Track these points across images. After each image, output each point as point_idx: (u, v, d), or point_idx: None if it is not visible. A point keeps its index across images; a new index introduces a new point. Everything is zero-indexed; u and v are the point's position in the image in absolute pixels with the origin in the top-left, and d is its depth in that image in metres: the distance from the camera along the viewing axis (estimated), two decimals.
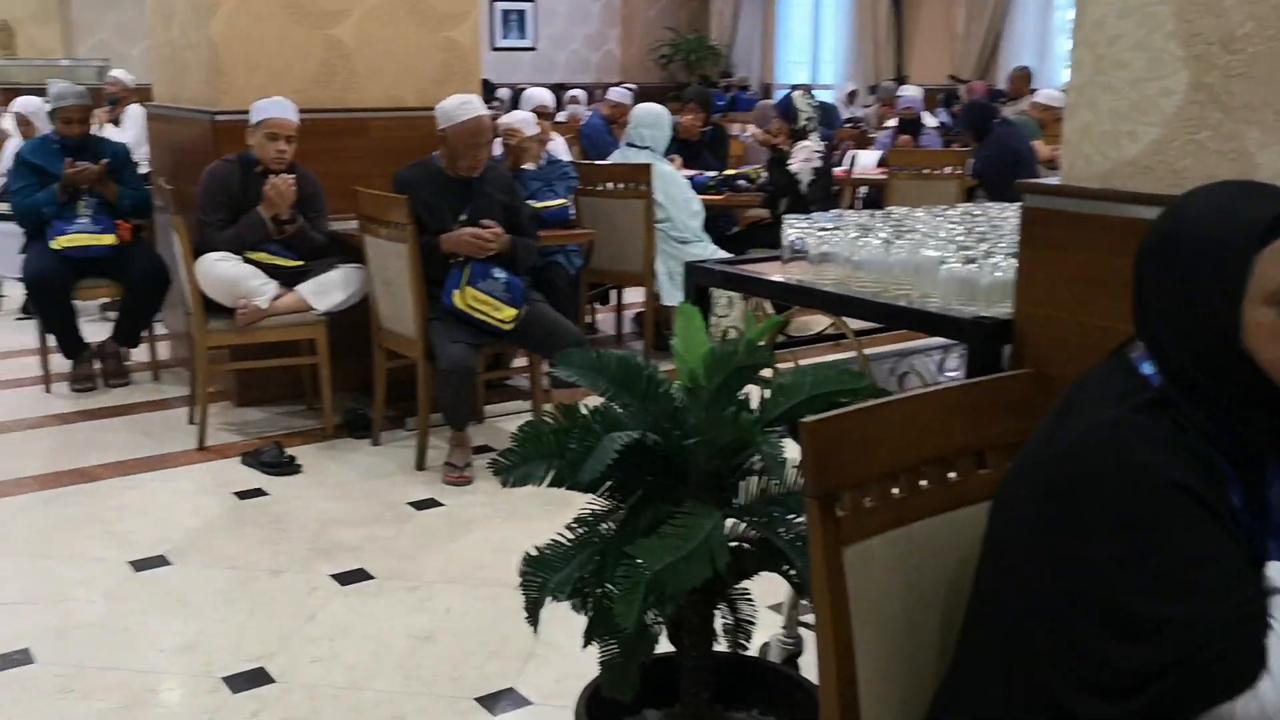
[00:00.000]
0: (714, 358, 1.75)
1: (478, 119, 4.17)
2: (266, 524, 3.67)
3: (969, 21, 12.80)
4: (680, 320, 1.85)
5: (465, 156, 4.16)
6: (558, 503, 3.85)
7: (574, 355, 1.85)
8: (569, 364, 1.84)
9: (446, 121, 4.20)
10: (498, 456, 1.86)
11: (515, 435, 1.85)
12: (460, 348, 3.93)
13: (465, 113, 4.17)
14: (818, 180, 5.77)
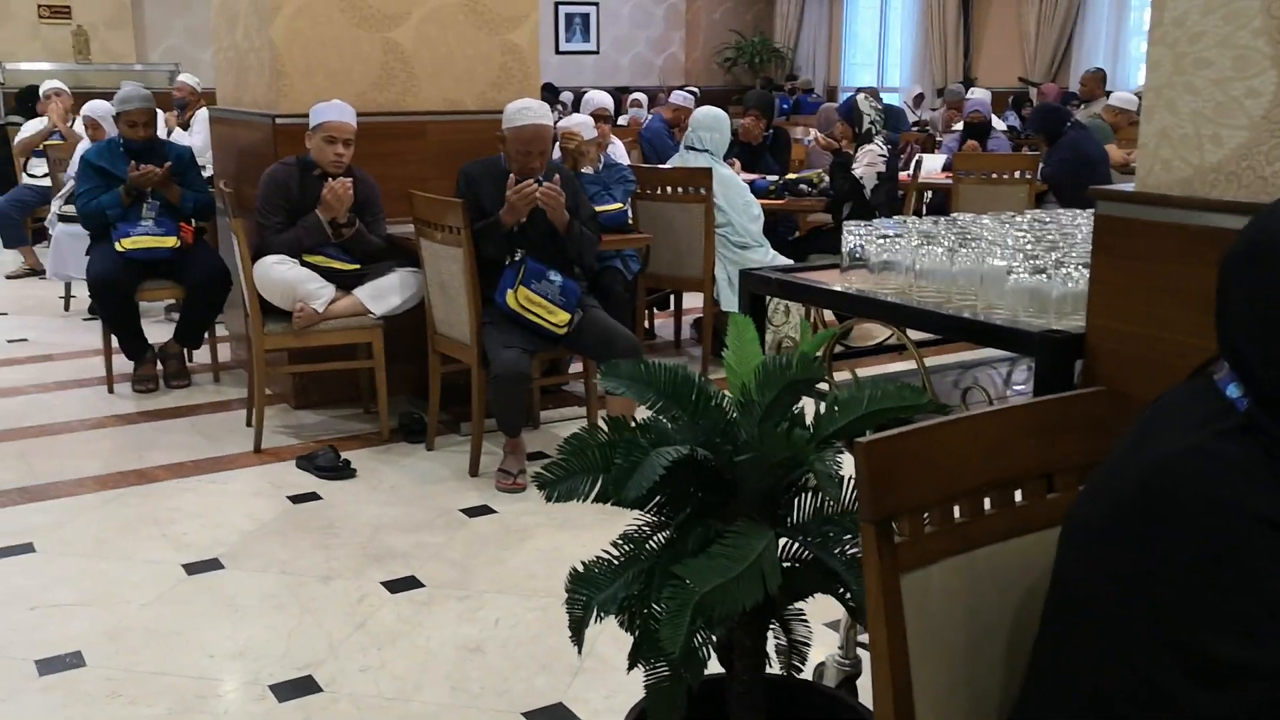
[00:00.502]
0: (767, 371, 1.67)
1: (533, 127, 4.10)
2: (319, 529, 3.66)
3: (1040, 23, 12.55)
4: (733, 330, 1.78)
5: (517, 160, 4.11)
6: (611, 513, 3.80)
7: (621, 366, 1.79)
8: (616, 375, 1.78)
9: (507, 124, 4.16)
10: (542, 470, 1.80)
11: (561, 448, 1.78)
12: (514, 353, 3.89)
13: (521, 119, 4.11)
14: (882, 185, 5.66)
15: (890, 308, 2.03)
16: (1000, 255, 1.93)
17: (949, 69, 13.78)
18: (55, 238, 6.59)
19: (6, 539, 3.57)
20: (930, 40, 14.02)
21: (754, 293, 2.27)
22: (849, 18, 16.07)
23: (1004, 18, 13.26)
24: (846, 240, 2.24)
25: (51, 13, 11.94)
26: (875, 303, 2.05)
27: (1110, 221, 1.65)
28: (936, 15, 13.82)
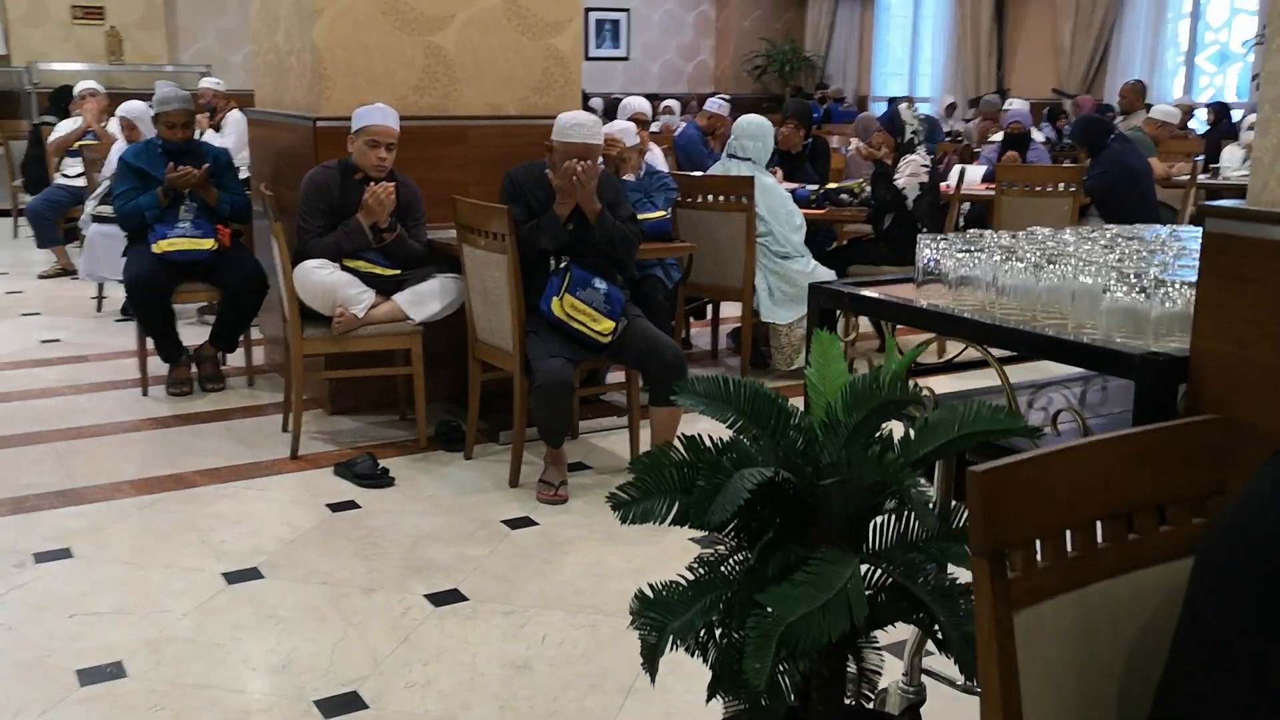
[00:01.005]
0: (855, 391, 1.60)
1: (583, 145, 4.01)
2: (359, 538, 3.60)
3: (1075, 34, 12.44)
4: (816, 348, 1.71)
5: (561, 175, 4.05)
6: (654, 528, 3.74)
7: (698, 383, 1.72)
8: (692, 393, 1.71)
9: (557, 135, 4.07)
10: (616, 491, 1.73)
11: (634, 467, 1.72)
12: (558, 362, 3.83)
13: (574, 135, 4.01)
14: (924, 195, 5.57)
15: (972, 325, 1.95)
16: (1091, 272, 1.85)
17: (981, 79, 13.68)
18: (89, 238, 6.57)
19: (45, 543, 3.53)
20: (963, 50, 13.92)
21: (824, 307, 2.18)
22: (880, 26, 15.99)
23: (1038, 28, 13.16)
24: (922, 254, 2.16)
25: (85, 14, 11.98)
26: (955, 319, 1.97)
27: (1220, 239, 1.58)
28: (969, 25, 13.72)
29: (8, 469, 4.19)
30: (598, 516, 3.80)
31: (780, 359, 5.40)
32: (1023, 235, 2.30)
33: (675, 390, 1.79)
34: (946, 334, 2.03)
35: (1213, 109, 10.23)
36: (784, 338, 5.35)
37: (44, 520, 3.72)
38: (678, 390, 1.72)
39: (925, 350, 1.93)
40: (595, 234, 4.04)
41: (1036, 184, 6.00)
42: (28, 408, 4.95)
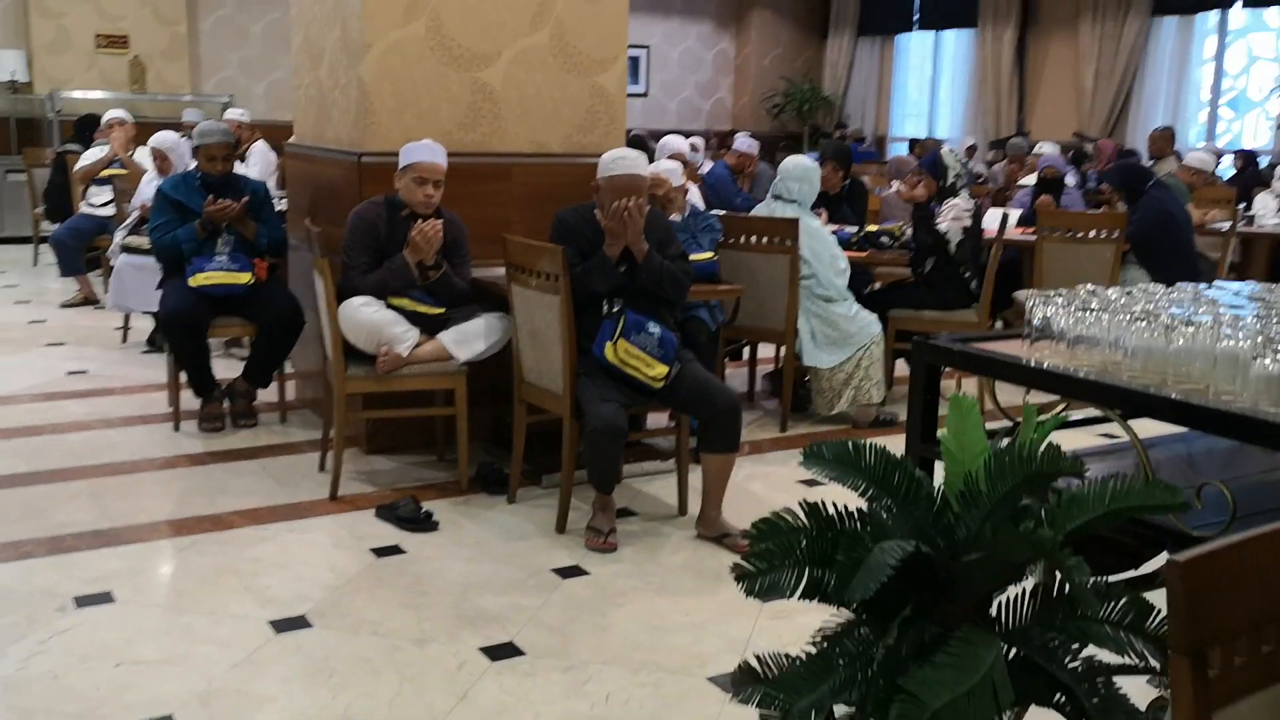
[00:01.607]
0: (1000, 461, 1.51)
1: (629, 177, 3.98)
2: (406, 586, 3.50)
3: (1098, 77, 12.43)
4: (953, 414, 1.63)
5: (610, 214, 3.99)
6: (710, 577, 3.65)
7: (826, 448, 1.64)
8: (819, 458, 1.63)
9: (602, 173, 4.05)
10: (740, 562, 1.64)
11: (753, 534, 1.63)
12: (611, 407, 3.74)
13: (617, 168, 4.00)
14: (967, 240, 5.50)
15: (1101, 388, 1.86)
16: (1230, 335, 1.77)
17: (1002, 121, 13.67)
18: (117, 269, 6.50)
19: (86, 585, 3.43)
20: (983, 91, 13.91)
21: (930, 363, 2.10)
22: (899, 66, 16.00)
23: (1060, 71, 13.15)
24: (1034, 309, 2.08)
25: (109, 42, 11.99)
26: (1082, 382, 1.88)
27: None
28: (990, 66, 13.73)
29: (43, 507, 4.10)
30: (649, 565, 3.70)
31: (821, 403, 5.31)
32: (1138, 293, 2.22)
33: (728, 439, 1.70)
34: (1069, 396, 1.94)
35: (1239, 155, 10.19)
36: (825, 382, 5.26)
37: (82, 562, 3.62)
38: (808, 455, 1.63)
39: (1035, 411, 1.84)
40: (641, 275, 3.97)
41: (1078, 230, 5.93)
42: (59, 442, 4.86)
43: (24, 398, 5.57)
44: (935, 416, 2.19)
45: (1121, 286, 5.84)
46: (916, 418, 2.13)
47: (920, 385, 2.05)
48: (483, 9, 4.75)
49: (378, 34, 4.57)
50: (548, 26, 4.88)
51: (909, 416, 2.16)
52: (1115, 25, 12.18)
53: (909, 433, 2.18)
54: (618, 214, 3.88)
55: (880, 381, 5.27)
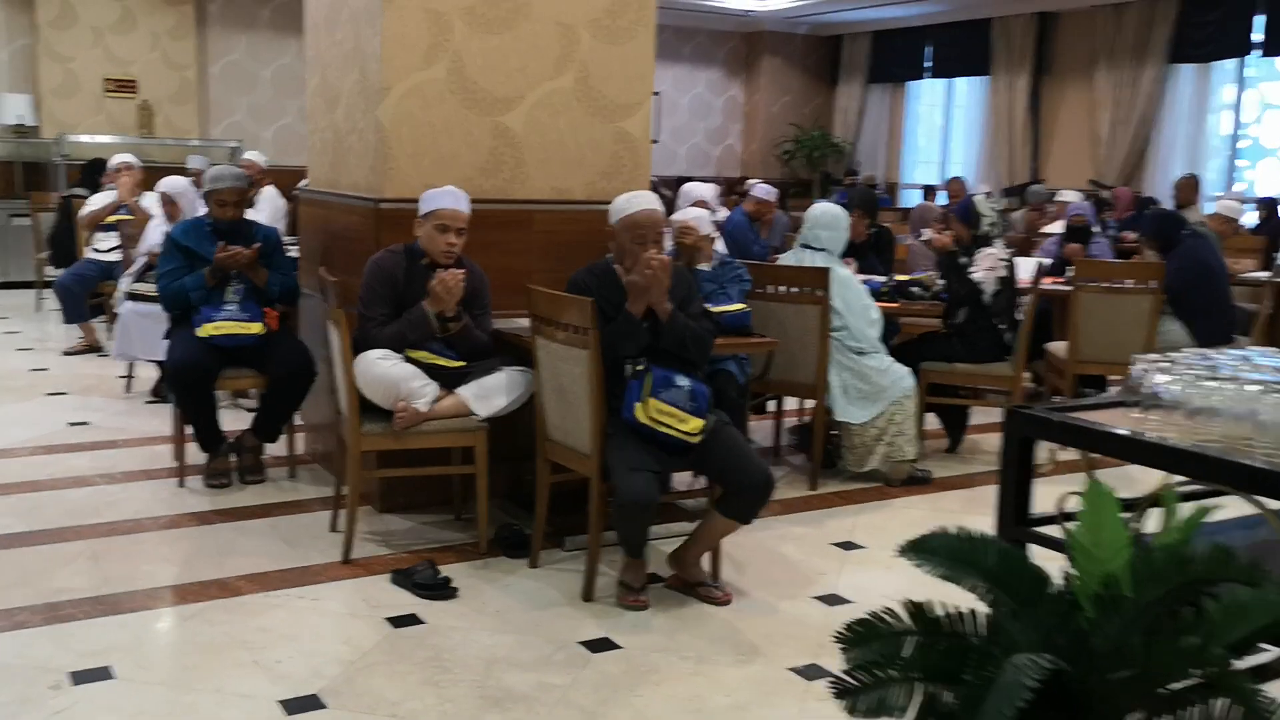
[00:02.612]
0: (1152, 563, 1.31)
1: (645, 212, 3.85)
2: (426, 660, 3.27)
3: (1114, 125, 12.31)
4: (1089, 506, 1.42)
5: (630, 253, 3.81)
6: (747, 650, 3.43)
7: (935, 539, 1.43)
8: (928, 551, 1.43)
9: (615, 216, 3.90)
10: (842, 676, 1.43)
11: (849, 637, 1.42)
12: (643, 479, 3.52)
13: (633, 205, 3.87)
14: (1002, 291, 5.31)
15: (1237, 468, 1.66)
16: None
17: (1015, 168, 13.55)
18: (123, 317, 6.32)
19: (83, 659, 3.21)
20: (997, 139, 13.81)
21: (1024, 435, 1.89)
22: (910, 113, 15.93)
23: (1075, 118, 13.05)
24: (1147, 377, 1.88)
25: (118, 87, 11.92)
26: (1206, 459, 1.68)
27: None
28: (1004, 114, 13.63)
29: (39, 570, 3.88)
30: (681, 636, 3.47)
31: (852, 460, 5.10)
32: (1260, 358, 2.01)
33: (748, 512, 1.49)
34: (1194, 476, 1.74)
35: (1262, 204, 10.04)
36: (857, 438, 5.05)
37: (79, 633, 3.40)
38: (910, 547, 1.43)
39: None
40: (664, 337, 3.77)
41: (1115, 280, 5.74)
42: (59, 499, 4.65)
43: (23, 450, 5.37)
44: (1028, 495, 1.98)
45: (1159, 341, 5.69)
46: (1009, 497, 1.92)
47: (1013, 460, 1.85)
48: (505, 52, 4.59)
49: (397, 77, 4.42)
50: (572, 70, 4.73)
51: (1000, 496, 1.95)
52: (1131, 73, 12.09)
53: (1001, 515, 1.96)
54: (645, 266, 3.69)
55: (914, 437, 5.06)
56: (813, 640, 3.44)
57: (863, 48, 15.99)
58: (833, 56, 16.68)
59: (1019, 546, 1.69)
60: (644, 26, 4.85)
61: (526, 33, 4.62)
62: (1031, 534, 1.88)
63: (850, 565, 4.12)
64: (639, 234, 3.82)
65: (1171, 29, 11.74)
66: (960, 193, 9.60)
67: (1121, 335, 5.63)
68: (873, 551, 4.27)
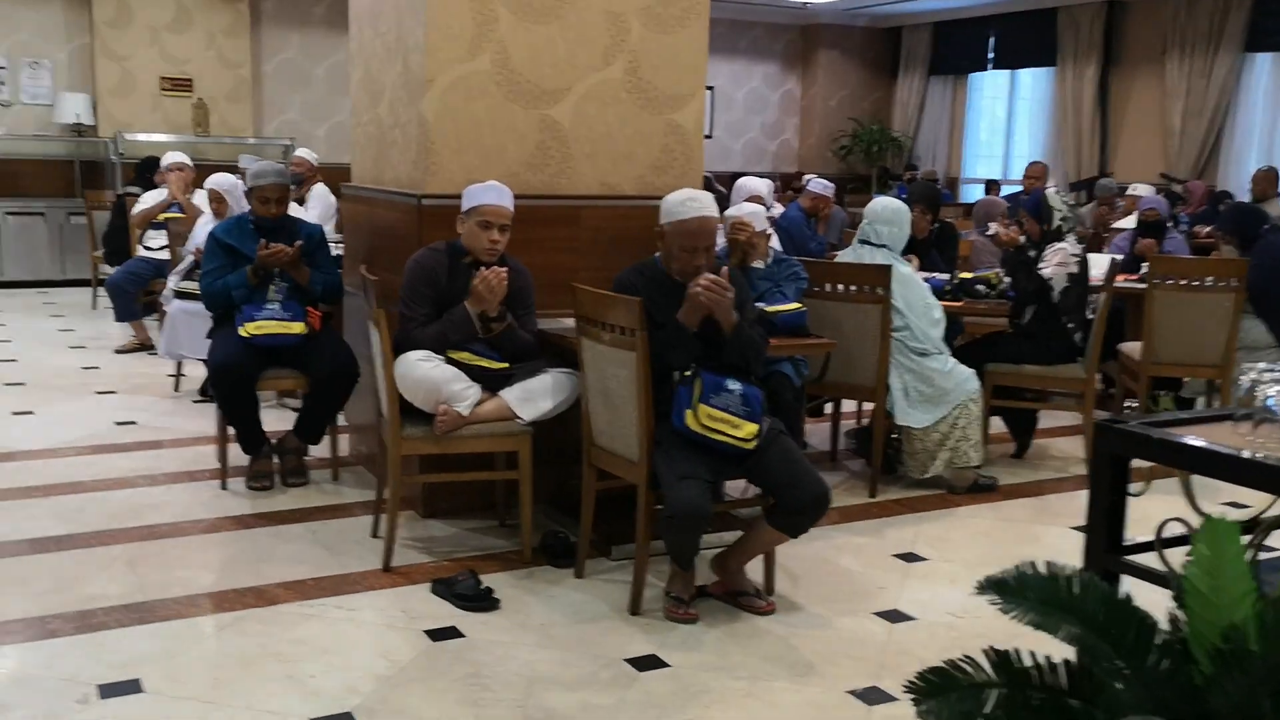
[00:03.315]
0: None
1: (698, 220, 3.60)
2: (465, 677, 3.12)
3: (1186, 116, 11.88)
4: (1206, 544, 1.23)
5: (679, 259, 3.62)
6: (803, 669, 3.23)
7: (1025, 580, 1.24)
8: (1016, 594, 1.24)
9: (667, 218, 3.66)
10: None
11: (921, 688, 1.23)
12: (694, 488, 3.34)
13: (685, 211, 3.62)
14: (1072, 288, 5.06)
15: None
16: None
17: (1083, 162, 13.15)
18: (170, 315, 6.28)
19: (112, 671, 3.10)
20: (1063, 132, 13.41)
21: (1114, 453, 1.69)
22: (973, 106, 15.56)
23: (1144, 110, 12.62)
24: (1258, 388, 1.67)
25: (174, 86, 11.95)
26: None
27: None
28: (1070, 106, 13.23)
29: (75, 575, 3.80)
30: (733, 654, 3.29)
31: (914, 466, 4.87)
32: None
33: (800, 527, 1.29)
34: None
35: None
36: (918, 443, 4.83)
37: (111, 642, 3.30)
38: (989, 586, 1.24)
39: None
40: (728, 350, 3.57)
41: (1192, 277, 5.45)
42: (99, 501, 4.58)
43: (69, 450, 5.32)
44: (1122, 519, 1.77)
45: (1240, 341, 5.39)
46: (1099, 522, 1.71)
47: (1104, 481, 1.65)
48: (553, 41, 4.44)
49: (441, 69, 4.28)
50: (621, 60, 4.56)
51: (1090, 521, 1.75)
52: (1204, 62, 11.66)
53: (1090, 542, 1.76)
54: (699, 290, 3.48)
55: (978, 443, 4.82)
56: (873, 660, 3.24)
57: (923, 39, 15.64)
58: (892, 49, 16.35)
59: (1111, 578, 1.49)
60: (696, 15, 4.67)
61: (574, 22, 4.46)
62: (1125, 564, 1.68)
63: (912, 579, 3.91)
64: (689, 243, 3.61)
65: (1247, 16, 11.29)
66: (1041, 175, 9.27)
67: (1200, 335, 5.35)
68: (936, 564, 4.05)
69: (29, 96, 11.50)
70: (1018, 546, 4.28)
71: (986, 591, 1.24)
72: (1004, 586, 1.25)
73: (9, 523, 4.28)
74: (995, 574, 1.27)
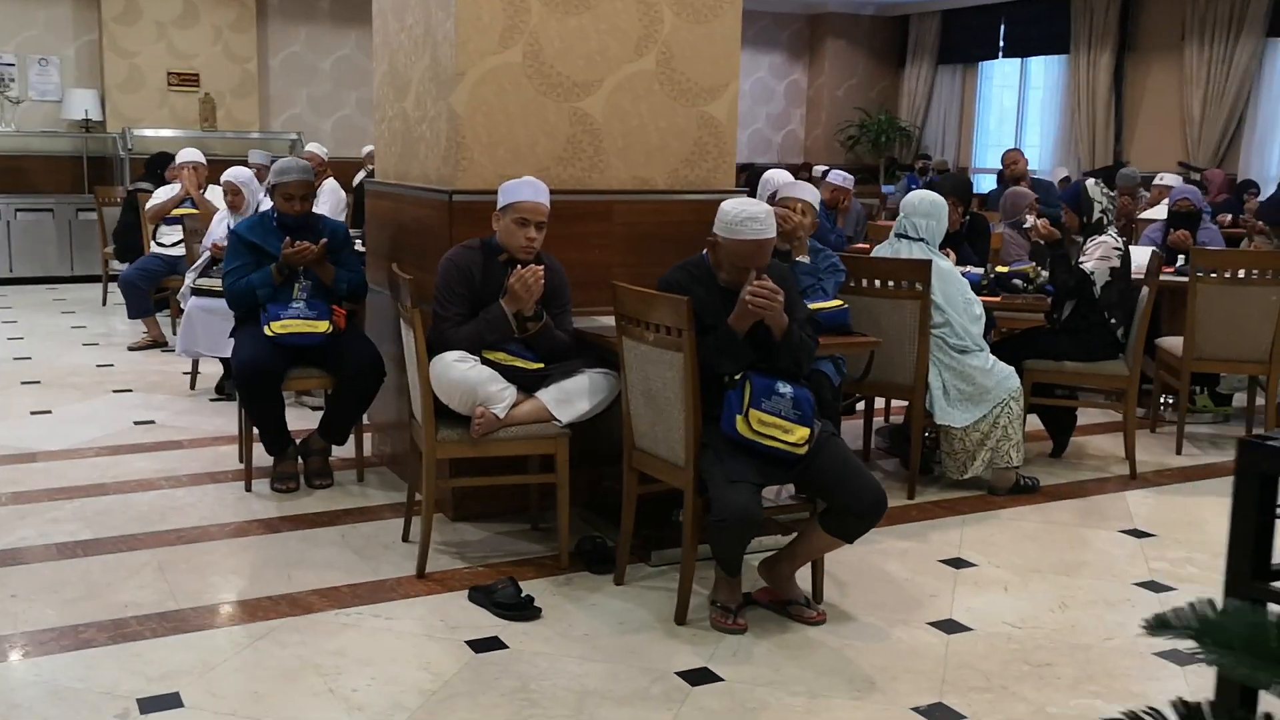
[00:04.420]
0: None
1: (757, 244, 3.42)
2: (513, 692, 3.02)
3: (1206, 104, 11.75)
4: None
5: (728, 271, 3.49)
6: (862, 684, 3.11)
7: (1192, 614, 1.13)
8: (1168, 626, 1.12)
9: (722, 230, 3.47)
10: None
11: None
12: (744, 493, 3.23)
13: (745, 231, 3.41)
14: (1114, 282, 4.95)
15: None
16: None
17: (1097, 150, 13.03)
18: (188, 312, 6.17)
19: (151, 684, 3.01)
20: (1077, 120, 13.28)
21: (1265, 471, 1.58)
22: (983, 95, 15.42)
23: (1162, 97, 12.49)
24: None
25: (181, 81, 11.84)
26: None
27: None
28: (1085, 94, 13.10)
29: (106, 582, 3.71)
30: (788, 667, 3.19)
31: (953, 466, 4.76)
32: None
33: None
34: None
35: None
36: (958, 442, 4.72)
37: (147, 653, 3.20)
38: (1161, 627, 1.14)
39: None
40: (780, 355, 3.45)
41: (1235, 270, 5.34)
42: (125, 503, 4.48)
43: (89, 451, 5.23)
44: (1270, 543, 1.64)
45: None
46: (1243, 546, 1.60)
47: (1248, 501, 1.53)
48: (585, 33, 4.33)
49: (471, 61, 4.17)
50: (654, 51, 4.45)
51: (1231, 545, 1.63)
52: (1225, 48, 11.51)
53: (1232, 567, 1.63)
54: (753, 297, 3.35)
55: (1019, 442, 4.71)
56: (934, 675, 3.14)
57: (931, 28, 15.50)
58: (900, 38, 16.21)
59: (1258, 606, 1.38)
60: (730, 4, 4.56)
61: (606, 12, 4.35)
62: (1274, 592, 1.58)
63: (963, 586, 3.80)
64: (741, 262, 3.43)
65: (1270, 1, 11.15)
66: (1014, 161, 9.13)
67: (1244, 330, 5.24)
68: (985, 570, 3.95)
69: (37, 93, 11.38)
70: (1068, 551, 4.18)
71: (1159, 632, 1.13)
72: (1162, 621, 1.14)
73: (35, 527, 4.20)
74: (1161, 613, 1.16)
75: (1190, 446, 5.57)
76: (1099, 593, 3.75)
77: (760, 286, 3.34)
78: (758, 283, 3.35)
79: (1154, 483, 5.02)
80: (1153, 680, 3.12)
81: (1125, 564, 4.02)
